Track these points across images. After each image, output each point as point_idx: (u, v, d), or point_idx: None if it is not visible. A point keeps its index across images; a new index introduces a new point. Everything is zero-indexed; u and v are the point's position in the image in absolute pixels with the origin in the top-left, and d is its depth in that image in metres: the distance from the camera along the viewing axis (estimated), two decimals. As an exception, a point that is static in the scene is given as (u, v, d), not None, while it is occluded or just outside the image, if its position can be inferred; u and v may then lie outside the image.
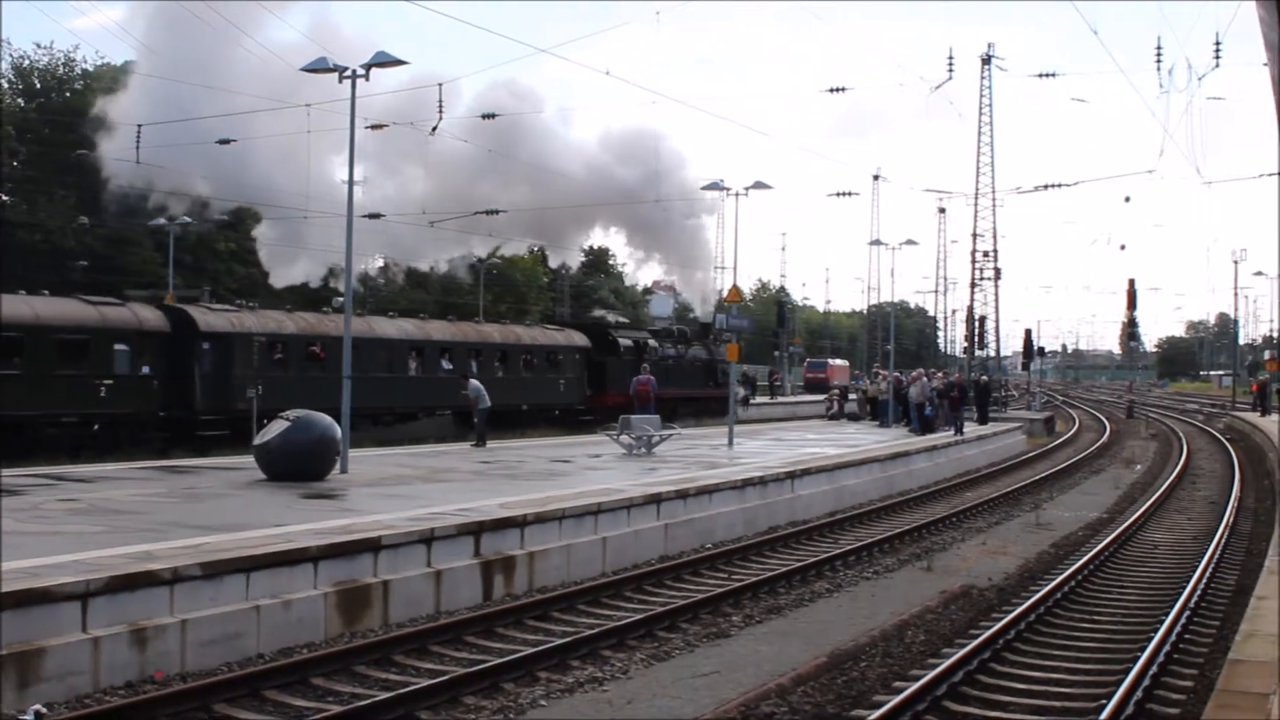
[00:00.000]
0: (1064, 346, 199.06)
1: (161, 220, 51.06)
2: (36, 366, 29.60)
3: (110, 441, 30.33)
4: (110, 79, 64.33)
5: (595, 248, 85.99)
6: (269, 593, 12.59)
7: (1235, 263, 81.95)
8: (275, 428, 20.44)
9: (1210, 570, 17.57)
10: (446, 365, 40.92)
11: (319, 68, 21.89)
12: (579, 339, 47.70)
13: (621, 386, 41.48)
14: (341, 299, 34.45)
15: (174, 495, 18.20)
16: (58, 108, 61.48)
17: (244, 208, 52.81)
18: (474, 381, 30.47)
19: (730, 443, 31.33)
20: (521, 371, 44.00)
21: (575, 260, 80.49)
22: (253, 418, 28.00)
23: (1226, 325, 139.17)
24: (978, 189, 65.23)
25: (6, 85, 62.97)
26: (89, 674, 10.68)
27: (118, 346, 31.72)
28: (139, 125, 38.09)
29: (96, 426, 30.77)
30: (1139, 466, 39.11)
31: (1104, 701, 10.85)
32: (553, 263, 70.16)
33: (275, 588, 12.69)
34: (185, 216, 51.35)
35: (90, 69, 67.40)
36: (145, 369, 32.13)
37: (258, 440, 20.84)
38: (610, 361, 47.29)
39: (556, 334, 47.75)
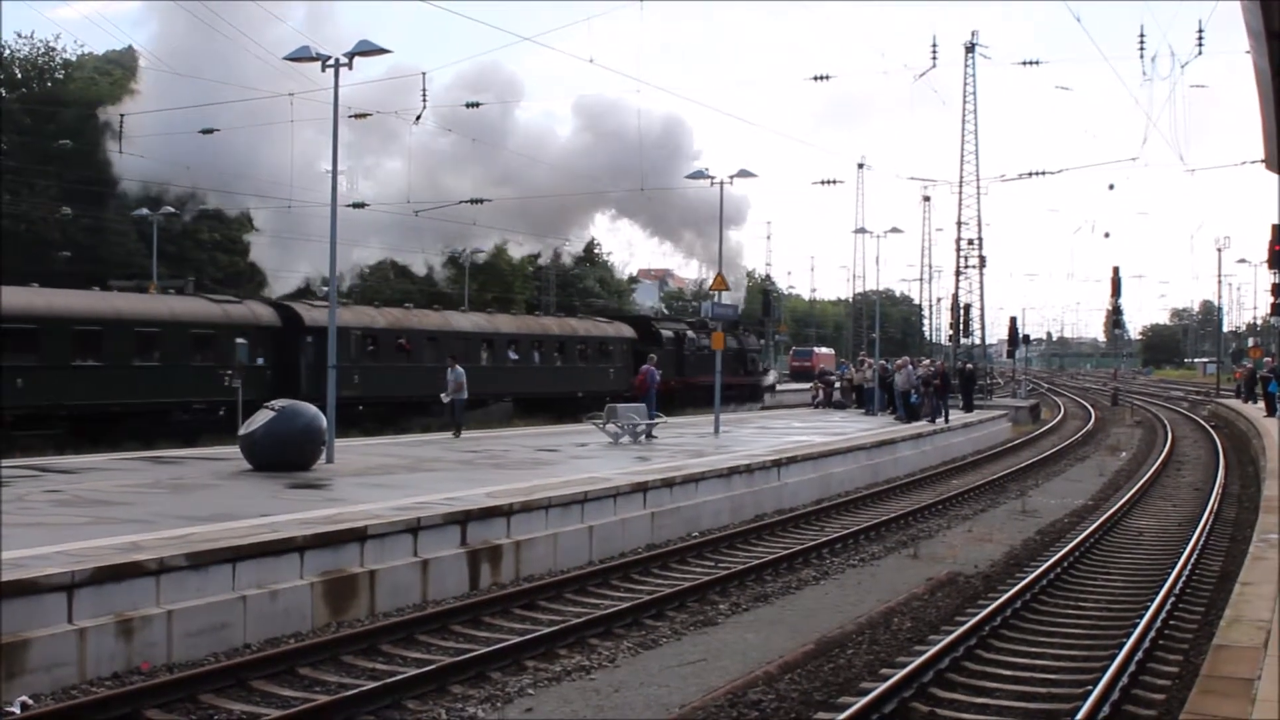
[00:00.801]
0: (1049, 334, 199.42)
1: (144, 210, 50.94)
2: (172, 358, 33.22)
3: (233, 425, 31.56)
4: (94, 69, 64.19)
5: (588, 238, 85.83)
6: (255, 583, 12.57)
7: (1219, 250, 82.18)
8: (260, 418, 20.37)
9: (1195, 556, 17.64)
10: (514, 355, 44.64)
11: (302, 56, 21.83)
12: (626, 330, 51.22)
13: (663, 374, 43.50)
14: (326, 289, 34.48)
15: (160, 486, 18.14)
16: (39, 97, 61.22)
17: (241, 211, 53.01)
18: (459, 369, 29.98)
19: (716, 431, 31.35)
20: (577, 361, 47.35)
21: (579, 249, 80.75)
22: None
23: (1210, 312, 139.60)
24: (962, 177, 65.28)
25: None
26: (75, 665, 10.66)
27: (238, 340, 35.33)
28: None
29: (222, 411, 33.43)
30: (1124, 454, 39.24)
31: (1090, 687, 10.89)
32: (548, 254, 70.26)
33: (261, 578, 12.67)
34: (169, 207, 51.27)
35: (72, 59, 67.16)
36: (260, 360, 35.60)
37: (243, 430, 20.77)
38: (655, 353, 47.99)
39: (606, 326, 51.12)
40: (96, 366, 31.38)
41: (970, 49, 64.16)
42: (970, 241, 66.18)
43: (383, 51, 21.72)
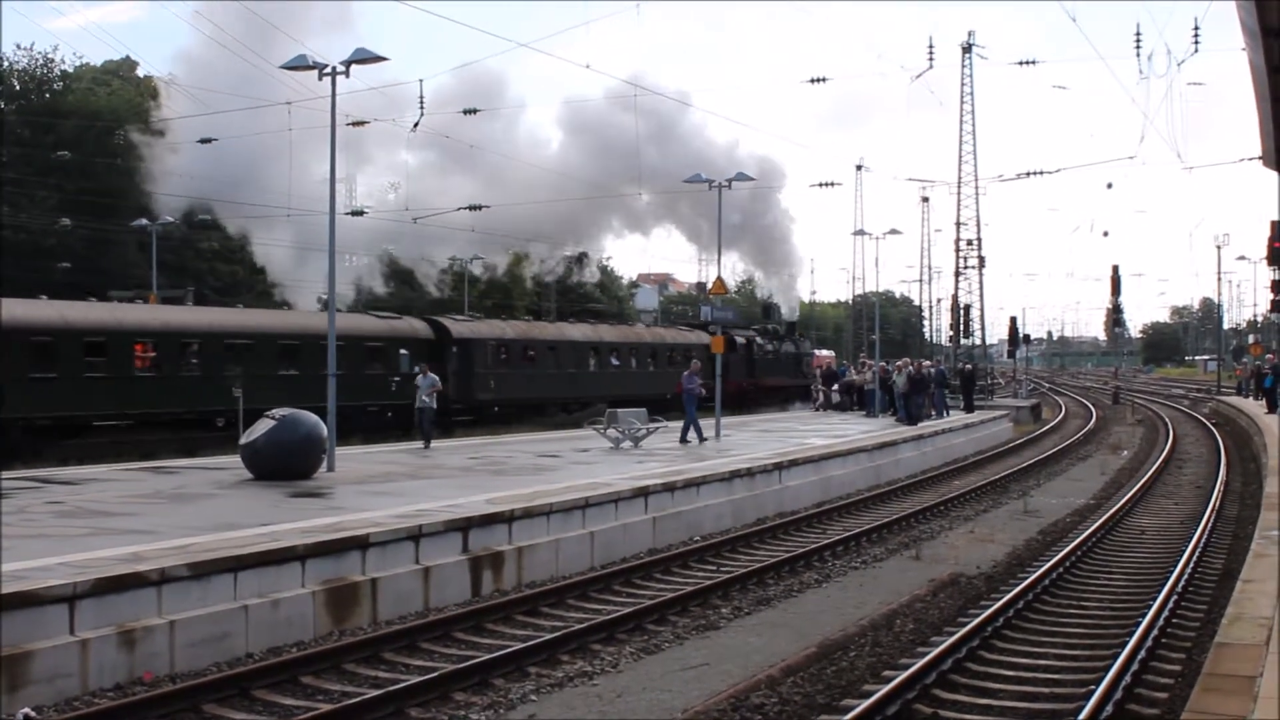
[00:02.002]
0: (1049, 333, 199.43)
1: (143, 221, 50.99)
2: (355, 367, 37.74)
3: (398, 425, 38.07)
4: (92, 79, 64.29)
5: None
6: (257, 592, 12.58)
7: (1218, 247, 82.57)
8: (261, 427, 20.35)
9: (1197, 555, 17.63)
10: (615, 361, 50.72)
11: (299, 65, 21.83)
12: (706, 338, 52.63)
13: (737, 376, 52.26)
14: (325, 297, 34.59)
15: (161, 496, 18.14)
16: (37, 109, 61.26)
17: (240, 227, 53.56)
18: (432, 375, 28.64)
19: (718, 435, 31.32)
20: (666, 366, 51.37)
21: (601, 255, 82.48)
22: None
23: (1210, 310, 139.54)
24: (960, 177, 65.41)
25: None
26: (77, 676, 10.66)
27: (401, 351, 41.04)
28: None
29: (390, 414, 39.11)
30: (1125, 452, 39.21)
31: (1093, 686, 10.88)
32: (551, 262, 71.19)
33: (263, 587, 12.67)
34: (168, 217, 51.36)
35: (70, 69, 67.20)
36: (416, 368, 36.84)
37: (244, 440, 20.75)
38: (730, 357, 53.13)
39: (689, 334, 56.00)
40: (295, 375, 36.22)
41: (967, 49, 64.29)
42: (969, 242, 66.29)
43: (380, 59, 21.73)
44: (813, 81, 47.38)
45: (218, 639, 11.96)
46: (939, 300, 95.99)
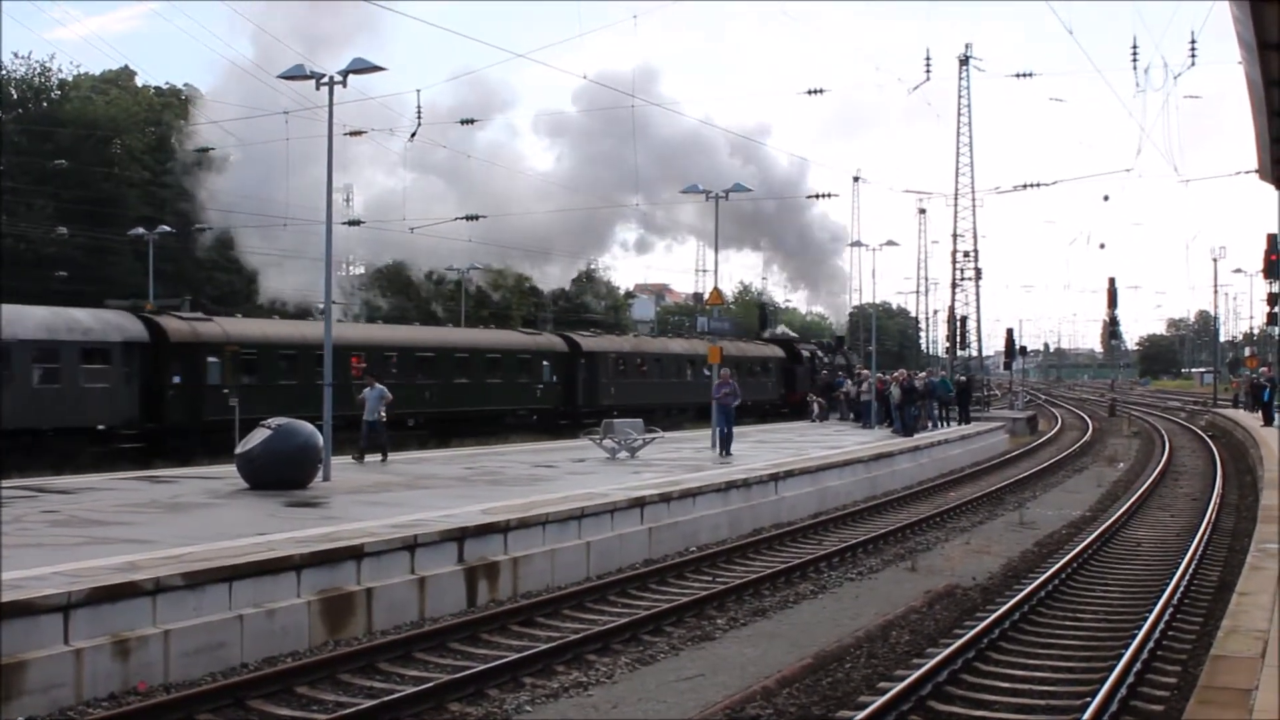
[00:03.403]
0: (1046, 345, 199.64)
1: (140, 230, 51.04)
2: (509, 377, 46.17)
3: (542, 426, 45.78)
4: (90, 88, 64.38)
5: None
6: (252, 602, 12.55)
7: (1214, 260, 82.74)
8: (257, 436, 20.33)
9: (1193, 567, 17.63)
10: (706, 372, 51.18)
11: (296, 74, 21.85)
12: (779, 351, 62.41)
13: (804, 386, 57.79)
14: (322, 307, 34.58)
15: (156, 505, 18.12)
16: (35, 117, 61.29)
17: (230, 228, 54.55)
18: (379, 386, 26.50)
19: (714, 444, 31.28)
20: (746, 376, 53.85)
21: (600, 267, 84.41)
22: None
23: (1207, 322, 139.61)
24: (957, 189, 65.54)
25: None
26: (71, 686, 10.64)
27: (544, 362, 48.37)
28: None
29: (535, 417, 47.11)
30: (1121, 464, 39.23)
31: (1088, 699, 10.87)
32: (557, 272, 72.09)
33: (258, 597, 12.64)
34: (165, 226, 51.44)
35: (68, 78, 67.28)
36: (554, 378, 48.20)
37: (240, 449, 20.72)
38: (798, 368, 61.46)
39: (765, 347, 62.31)
40: (466, 383, 44.12)
41: (964, 61, 64.46)
42: (966, 254, 66.42)
43: (377, 69, 21.75)
44: (810, 93, 47.75)
45: (212, 649, 11.94)
46: (936, 312, 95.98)
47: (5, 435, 29.36)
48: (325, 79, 21.39)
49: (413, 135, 41.23)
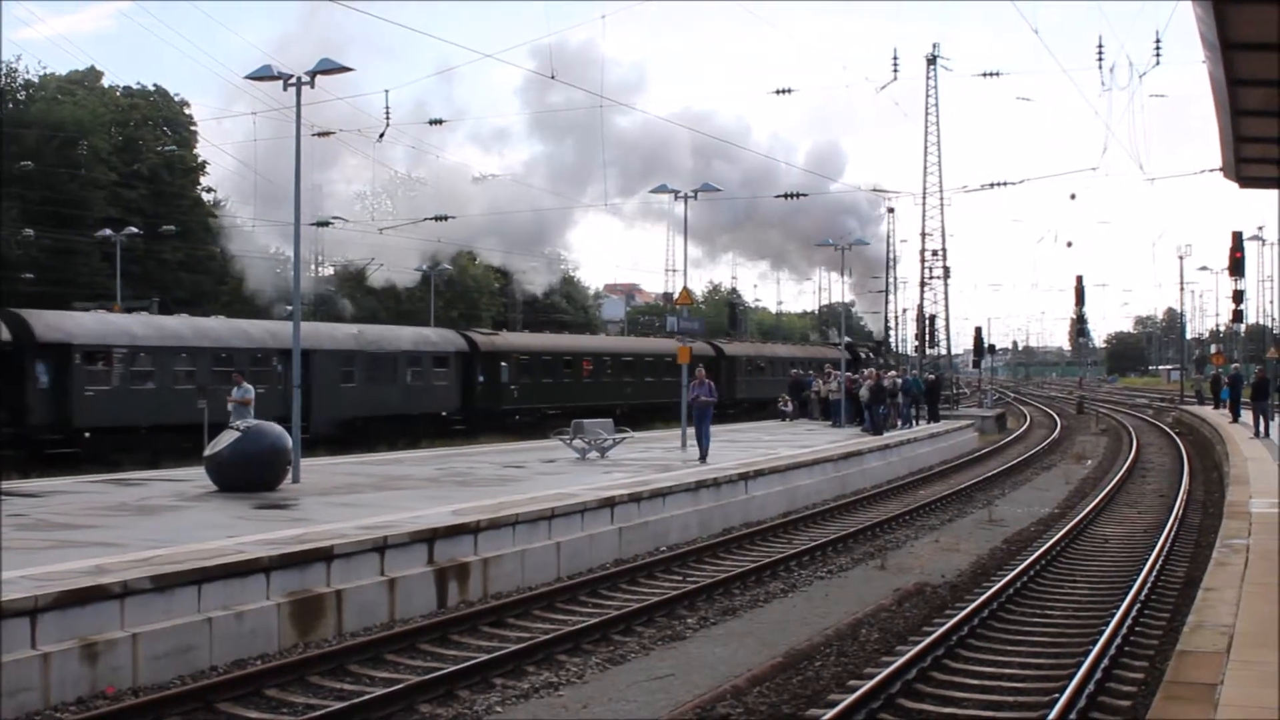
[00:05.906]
0: (1014, 343, 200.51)
1: (107, 231, 50.75)
2: (659, 376, 54.56)
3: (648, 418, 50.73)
4: (56, 89, 63.93)
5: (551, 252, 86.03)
6: (221, 604, 12.50)
7: (1180, 258, 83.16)
8: (225, 438, 20.24)
9: (1160, 563, 17.76)
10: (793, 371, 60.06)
11: (264, 75, 21.74)
12: (846, 354, 63.98)
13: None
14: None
15: (125, 508, 18.02)
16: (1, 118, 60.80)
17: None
18: (246, 385, 25.12)
19: (684, 445, 31.30)
20: (782, 374, 60.67)
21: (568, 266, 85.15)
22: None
23: (1174, 320, 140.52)
24: (925, 188, 65.79)
25: None
26: (39, 690, 10.58)
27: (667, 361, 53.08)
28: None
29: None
30: (1090, 462, 39.47)
31: (1057, 695, 10.95)
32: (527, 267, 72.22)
33: (227, 599, 12.59)
34: (133, 228, 51.15)
35: (34, 79, 66.81)
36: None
37: (208, 451, 20.61)
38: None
39: (826, 348, 67.95)
40: (651, 381, 54.05)
41: (931, 61, 64.69)
42: (934, 252, 66.71)
43: (344, 69, 21.67)
44: (779, 93, 47.74)
45: (181, 652, 11.88)
46: (904, 310, 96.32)
47: (390, 420, 42.68)
48: (293, 80, 21.29)
49: (381, 135, 41.13)
